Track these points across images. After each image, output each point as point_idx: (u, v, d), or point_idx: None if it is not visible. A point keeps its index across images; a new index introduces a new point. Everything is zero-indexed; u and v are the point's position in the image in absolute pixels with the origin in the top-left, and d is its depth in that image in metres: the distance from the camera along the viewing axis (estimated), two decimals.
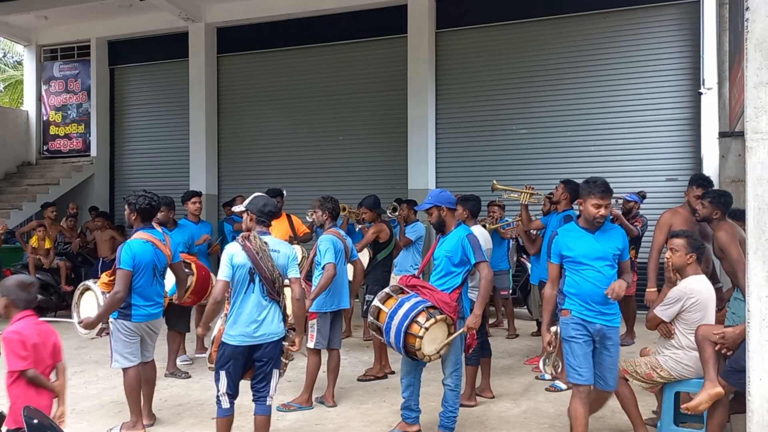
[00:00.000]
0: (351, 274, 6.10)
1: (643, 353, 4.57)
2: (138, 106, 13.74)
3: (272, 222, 4.31)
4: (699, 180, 5.31)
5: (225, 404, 3.94)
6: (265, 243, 3.96)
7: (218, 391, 3.93)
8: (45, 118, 14.25)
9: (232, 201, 9.05)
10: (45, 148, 14.26)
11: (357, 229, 7.85)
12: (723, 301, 4.89)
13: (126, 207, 4.74)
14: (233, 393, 3.96)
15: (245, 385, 4.08)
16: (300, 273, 4.20)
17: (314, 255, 5.45)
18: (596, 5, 10.06)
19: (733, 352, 3.84)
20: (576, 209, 6.23)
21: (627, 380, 4.23)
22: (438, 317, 4.17)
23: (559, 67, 10.31)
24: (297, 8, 11.73)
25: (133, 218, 4.71)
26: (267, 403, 4.01)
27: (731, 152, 7.41)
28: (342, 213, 6.87)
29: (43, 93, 14.26)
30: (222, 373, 3.91)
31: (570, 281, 3.96)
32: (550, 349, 4.06)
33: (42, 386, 3.29)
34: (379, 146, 11.57)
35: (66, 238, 10.80)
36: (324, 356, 5.39)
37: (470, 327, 4.29)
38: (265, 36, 12.33)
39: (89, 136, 13.73)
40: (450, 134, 11.05)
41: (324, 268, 5.14)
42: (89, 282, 5.06)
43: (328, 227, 5.45)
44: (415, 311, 4.17)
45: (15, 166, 14.02)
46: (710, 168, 8.55)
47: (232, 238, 6.86)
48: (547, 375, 4.14)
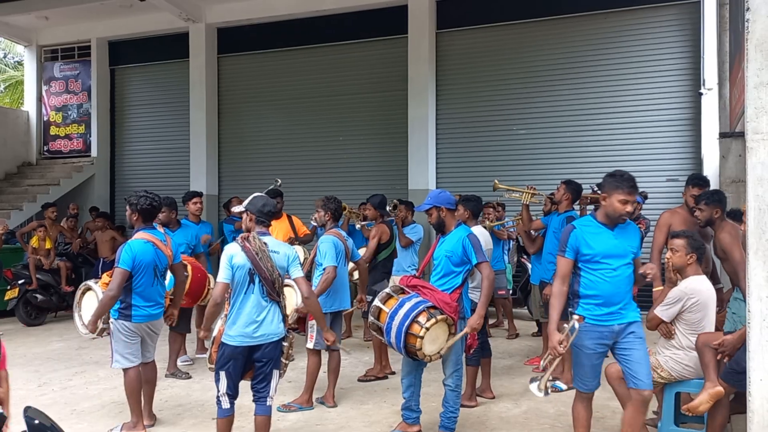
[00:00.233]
0: (354, 275, 6.10)
1: None
2: (138, 107, 13.75)
3: (272, 222, 4.31)
4: (696, 180, 5.30)
5: (225, 404, 3.94)
6: (265, 244, 3.95)
7: (218, 392, 3.93)
8: (45, 119, 14.26)
9: (229, 202, 9.05)
10: (45, 149, 14.27)
11: (357, 227, 7.87)
12: (723, 302, 4.88)
13: (127, 207, 4.75)
14: (233, 393, 3.96)
15: (245, 386, 4.08)
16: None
17: (314, 255, 5.45)
18: (597, 5, 10.06)
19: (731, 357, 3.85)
20: (576, 209, 6.25)
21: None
22: (439, 317, 4.17)
23: (560, 68, 10.31)
24: (297, 8, 11.73)
25: (134, 218, 4.71)
26: (267, 404, 4.01)
27: (731, 153, 7.40)
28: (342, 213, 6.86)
29: (44, 93, 14.26)
30: (222, 374, 3.91)
31: (586, 281, 3.69)
32: (561, 350, 3.62)
33: None
34: (380, 146, 11.57)
35: (66, 239, 10.80)
36: (324, 357, 5.39)
37: (474, 327, 4.29)
38: (266, 36, 12.34)
39: (90, 137, 13.74)
40: (450, 134, 11.06)
41: (324, 270, 5.14)
42: (90, 282, 5.08)
43: (330, 227, 5.44)
44: (416, 311, 4.17)
45: (15, 167, 14.03)
46: (711, 168, 8.54)
47: (233, 239, 6.87)
48: (540, 393, 3.74)
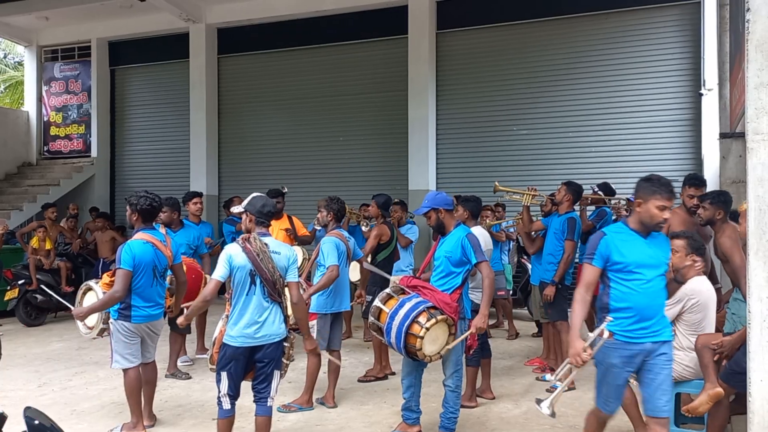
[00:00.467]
0: (354, 275, 6.10)
1: None
2: (139, 107, 13.75)
3: (273, 223, 4.29)
4: (692, 179, 5.27)
5: (226, 405, 3.94)
6: (266, 244, 3.95)
7: (219, 392, 3.93)
8: (45, 119, 14.26)
9: (230, 201, 9.05)
10: (45, 149, 14.27)
11: (365, 229, 7.91)
12: (722, 303, 4.88)
13: (127, 207, 4.74)
14: (234, 394, 3.96)
15: (246, 386, 4.08)
16: (300, 276, 4.19)
17: (316, 256, 5.45)
18: (597, 6, 10.06)
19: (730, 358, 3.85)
20: (577, 210, 6.24)
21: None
22: (439, 317, 4.17)
23: (560, 68, 10.31)
24: (297, 9, 11.73)
25: (134, 219, 4.71)
26: (268, 404, 4.02)
27: (732, 153, 7.39)
28: None
29: (44, 94, 14.26)
30: (223, 374, 3.91)
31: (617, 293, 3.42)
32: (585, 357, 3.33)
33: None
34: (380, 147, 11.57)
35: (66, 239, 10.80)
36: (325, 357, 5.38)
37: (479, 327, 4.29)
38: (266, 37, 12.34)
39: (90, 137, 13.74)
40: (450, 135, 11.05)
41: (327, 269, 5.14)
42: (91, 282, 5.07)
43: (332, 228, 5.44)
44: (416, 311, 4.17)
45: (15, 167, 14.03)
46: (711, 169, 8.54)
47: (232, 239, 6.86)
48: (548, 412, 3.50)
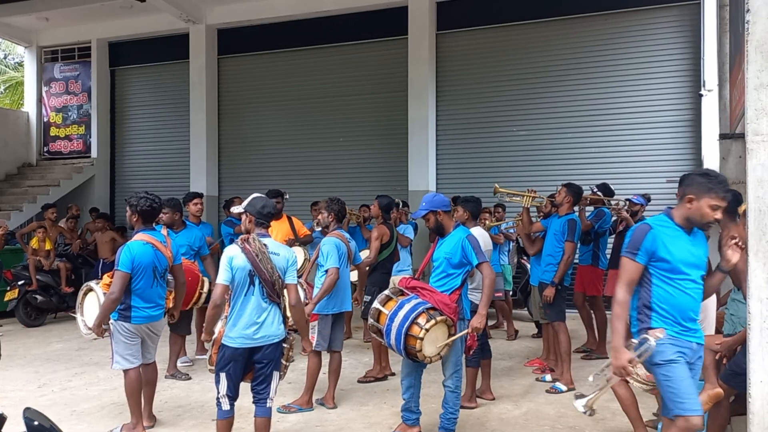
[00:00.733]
0: (353, 275, 6.10)
1: None
2: (139, 108, 13.75)
3: (272, 223, 4.29)
4: None
5: (225, 406, 3.94)
6: (265, 245, 3.94)
7: (218, 393, 3.93)
8: (45, 120, 14.26)
9: (230, 202, 9.05)
10: (45, 150, 14.27)
11: (364, 222, 7.92)
12: (720, 304, 4.87)
13: (127, 208, 4.74)
14: (233, 395, 3.96)
15: (245, 387, 4.08)
16: (299, 277, 4.19)
17: (317, 257, 5.45)
18: (597, 7, 10.07)
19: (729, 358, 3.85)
20: (576, 211, 6.23)
21: (627, 382, 4.22)
22: (438, 318, 4.17)
23: (560, 69, 10.32)
24: (297, 10, 11.74)
25: (134, 220, 4.70)
26: (267, 405, 4.01)
27: (732, 154, 7.39)
28: None
29: (44, 94, 14.27)
30: (222, 375, 3.91)
31: (661, 293, 3.24)
32: (630, 371, 3.19)
33: None
34: (380, 148, 11.57)
35: (66, 240, 10.80)
36: (325, 358, 5.39)
37: (476, 327, 4.28)
38: (266, 37, 12.35)
39: (90, 138, 13.75)
40: (450, 136, 11.06)
41: (327, 272, 5.14)
42: (92, 283, 5.07)
43: (333, 229, 5.44)
44: (416, 313, 4.17)
45: (15, 168, 14.04)
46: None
47: (230, 241, 6.85)
48: (583, 410, 3.40)
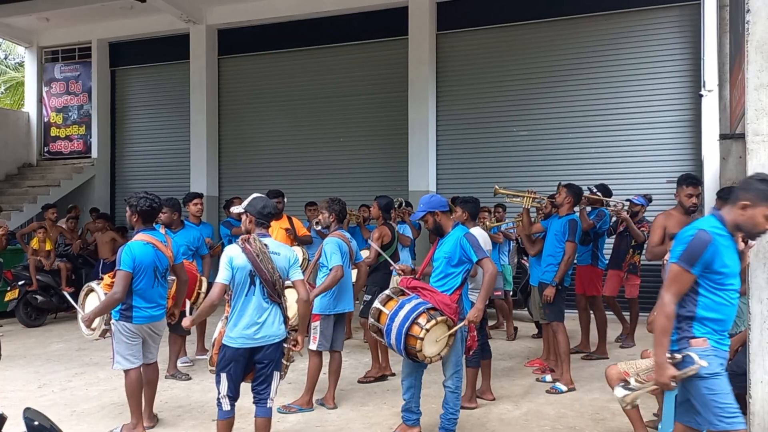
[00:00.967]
0: (354, 275, 6.10)
1: (644, 355, 4.57)
2: (139, 108, 13.76)
3: (273, 223, 4.29)
4: (691, 179, 5.23)
5: (225, 406, 3.94)
6: (266, 245, 3.95)
7: (219, 393, 3.93)
8: (46, 120, 14.27)
9: (230, 202, 9.05)
10: (46, 150, 14.28)
11: (364, 223, 7.91)
12: None
13: (127, 209, 4.74)
14: (234, 395, 3.96)
15: (246, 387, 4.08)
16: (303, 275, 4.19)
17: (318, 257, 5.45)
18: (597, 7, 10.07)
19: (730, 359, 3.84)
20: (577, 211, 6.22)
21: (628, 382, 4.22)
22: (439, 319, 4.17)
23: (560, 70, 10.32)
24: (298, 10, 11.75)
25: (135, 220, 4.71)
26: (268, 405, 4.01)
27: (732, 154, 7.39)
28: None
29: (44, 95, 14.28)
30: (223, 376, 3.91)
31: (708, 302, 3.08)
32: (672, 387, 3.06)
33: None
34: (380, 148, 11.58)
35: (67, 240, 10.80)
36: (325, 358, 5.39)
37: (471, 320, 4.27)
38: (266, 38, 12.35)
39: (90, 138, 13.76)
40: (450, 136, 11.06)
41: (331, 270, 5.14)
42: (93, 283, 5.07)
43: (334, 229, 5.44)
44: (416, 313, 4.17)
45: (16, 168, 14.04)
46: (711, 170, 8.54)
47: (228, 242, 6.86)
48: (620, 395, 3.46)
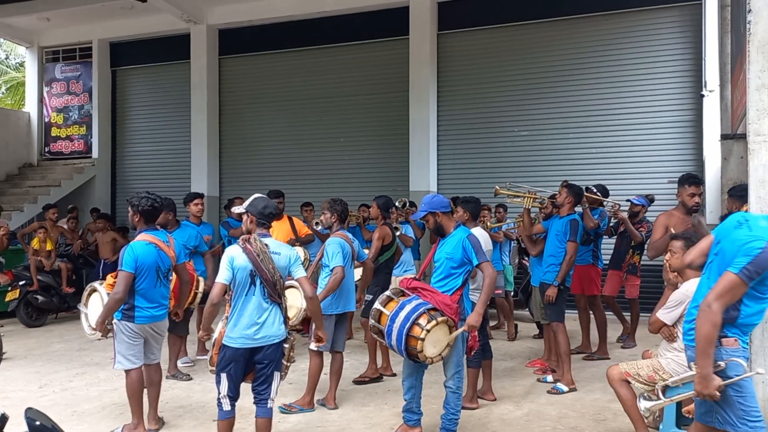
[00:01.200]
0: (358, 274, 6.11)
1: (645, 356, 4.57)
2: (139, 108, 13.77)
3: (273, 223, 4.30)
4: (692, 178, 5.23)
5: (226, 406, 3.94)
6: (266, 245, 3.95)
7: (219, 394, 3.93)
8: (46, 120, 14.28)
9: (231, 202, 9.05)
10: (46, 150, 14.29)
11: (364, 223, 7.91)
12: None
13: (129, 208, 4.74)
14: (234, 395, 3.96)
15: (246, 387, 4.08)
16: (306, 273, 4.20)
17: (320, 257, 5.45)
18: (598, 7, 10.07)
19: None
20: (578, 212, 6.21)
21: (629, 382, 4.22)
22: (439, 319, 4.16)
23: (561, 70, 10.32)
24: (298, 10, 11.75)
25: (137, 220, 4.70)
26: (268, 406, 4.01)
27: (733, 154, 7.40)
28: None
29: (45, 95, 14.28)
30: (223, 376, 3.91)
31: (748, 311, 3.05)
32: (717, 397, 2.91)
33: None
34: (381, 148, 11.58)
35: (67, 240, 10.80)
36: (326, 358, 5.38)
37: (471, 325, 4.26)
38: (267, 38, 12.36)
39: (91, 138, 13.77)
40: (451, 136, 11.06)
41: (332, 271, 5.14)
42: (96, 284, 5.07)
43: (336, 230, 5.44)
44: (417, 313, 4.16)
45: (16, 168, 14.06)
46: (712, 170, 8.54)
47: (228, 243, 6.86)
48: (643, 405, 3.61)
